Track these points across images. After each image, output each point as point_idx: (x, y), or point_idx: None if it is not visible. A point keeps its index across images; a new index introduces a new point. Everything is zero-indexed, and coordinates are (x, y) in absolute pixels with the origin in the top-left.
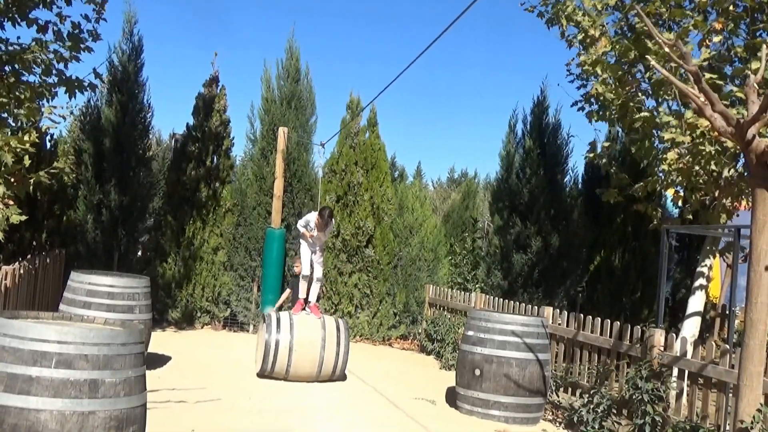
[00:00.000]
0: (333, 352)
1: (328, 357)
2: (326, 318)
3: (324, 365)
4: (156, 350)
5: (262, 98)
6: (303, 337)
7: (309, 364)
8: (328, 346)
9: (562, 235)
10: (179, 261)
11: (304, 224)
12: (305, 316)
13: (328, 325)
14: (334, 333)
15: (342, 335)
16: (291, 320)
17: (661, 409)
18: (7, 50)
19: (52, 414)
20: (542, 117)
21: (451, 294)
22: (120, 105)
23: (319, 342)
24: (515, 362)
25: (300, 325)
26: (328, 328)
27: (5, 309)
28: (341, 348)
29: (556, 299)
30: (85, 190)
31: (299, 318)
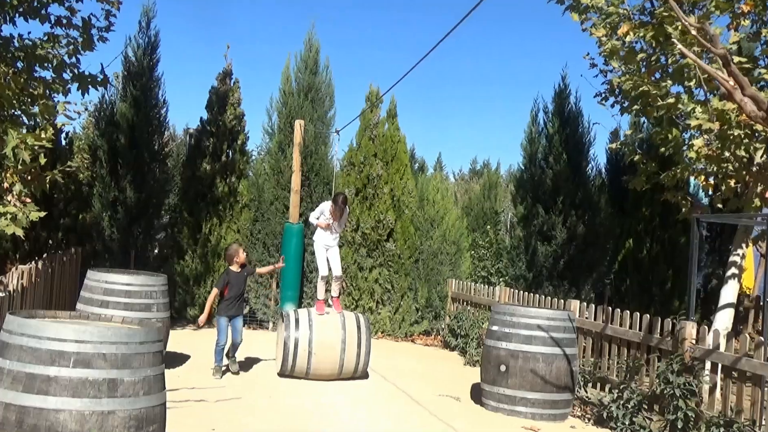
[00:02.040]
0: (354, 349)
1: (349, 355)
2: (346, 314)
3: (345, 363)
4: (174, 349)
5: (280, 91)
6: (323, 335)
7: (330, 363)
8: (348, 343)
9: (587, 224)
10: (196, 258)
11: (317, 215)
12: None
13: (349, 321)
14: (354, 330)
15: (363, 332)
16: (310, 318)
17: (694, 404)
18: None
19: (72, 414)
20: (564, 105)
21: (474, 288)
22: (134, 100)
23: (340, 339)
24: (542, 357)
25: (319, 322)
26: (348, 324)
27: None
28: (362, 345)
29: (582, 291)
30: (100, 187)
31: (318, 316)
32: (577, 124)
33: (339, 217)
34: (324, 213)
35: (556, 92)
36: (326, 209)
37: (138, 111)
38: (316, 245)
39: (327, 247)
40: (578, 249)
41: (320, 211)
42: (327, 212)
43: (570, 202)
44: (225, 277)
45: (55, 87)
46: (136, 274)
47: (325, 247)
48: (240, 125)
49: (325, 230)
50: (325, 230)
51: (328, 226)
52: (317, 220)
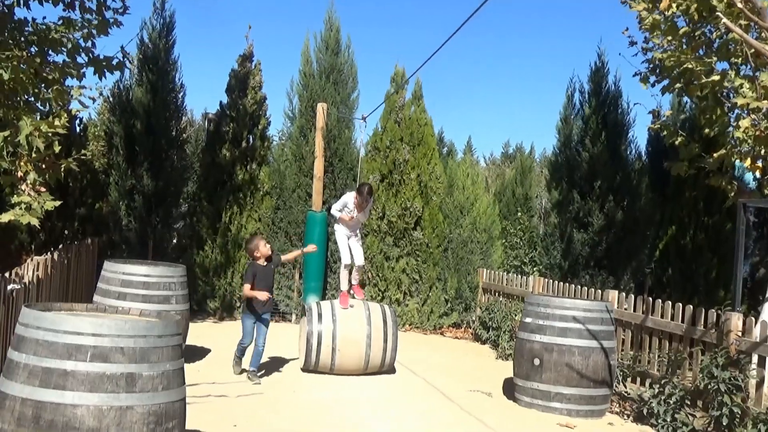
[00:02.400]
0: (380, 343)
1: (375, 349)
2: (372, 306)
3: (371, 358)
4: (194, 342)
5: (300, 72)
6: (347, 329)
7: (355, 357)
8: (374, 337)
9: (626, 210)
10: (216, 248)
11: (340, 207)
12: None
13: (374, 314)
14: (380, 323)
15: (389, 324)
16: (333, 312)
17: (740, 399)
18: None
19: (89, 409)
20: (601, 84)
21: (506, 278)
22: (151, 85)
23: (365, 333)
24: (578, 351)
25: (344, 315)
26: (374, 317)
27: (38, 301)
28: (389, 339)
29: (621, 281)
30: (117, 175)
31: (342, 309)
32: (615, 104)
33: (363, 208)
34: (347, 205)
35: (593, 71)
36: (350, 201)
37: (154, 96)
38: (337, 234)
39: (350, 234)
40: (616, 236)
41: (343, 204)
42: (351, 204)
43: (608, 186)
44: (252, 271)
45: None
46: (154, 264)
47: (347, 234)
48: (261, 109)
49: (349, 222)
50: (349, 222)
51: (351, 218)
52: (340, 213)
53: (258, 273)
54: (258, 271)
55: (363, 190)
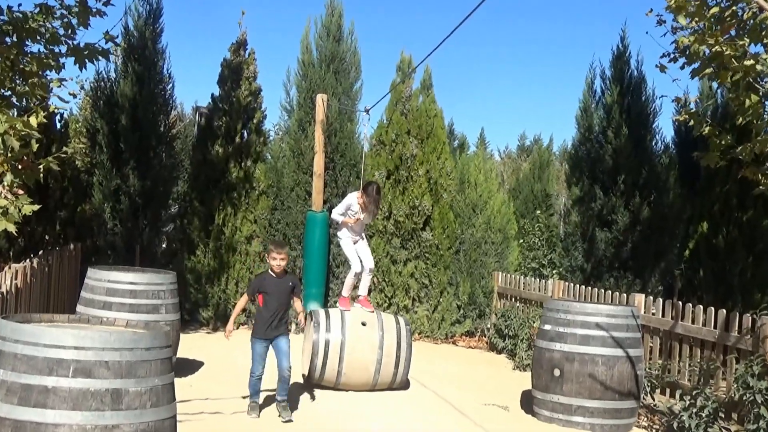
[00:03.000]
0: (392, 357)
1: (386, 362)
2: (384, 315)
3: (381, 372)
4: (186, 355)
5: (298, 62)
6: (357, 340)
7: (364, 371)
8: (387, 350)
9: (653, 207)
10: (209, 253)
11: (342, 211)
12: (359, 313)
13: (387, 324)
14: (393, 334)
15: (403, 336)
16: (342, 318)
17: None
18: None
19: (72, 429)
20: (623, 70)
21: (523, 282)
22: (136, 76)
23: (376, 346)
24: (601, 360)
25: (353, 325)
26: (386, 327)
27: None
28: (402, 351)
29: (648, 284)
30: (101, 175)
31: (351, 315)
32: (639, 91)
33: (370, 210)
34: (351, 207)
35: (615, 55)
36: (353, 202)
37: (141, 88)
38: (342, 242)
39: (356, 239)
40: (643, 235)
41: (346, 206)
42: (355, 205)
43: (633, 181)
44: (257, 283)
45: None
46: (141, 271)
47: (354, 239)
48: (256, 102)
49: (354, 226)
50: (354, 226)
51: (357, 221)
52: (343, 217)
53: (268, 287)
54: (268, 286)
55: (370, 189)
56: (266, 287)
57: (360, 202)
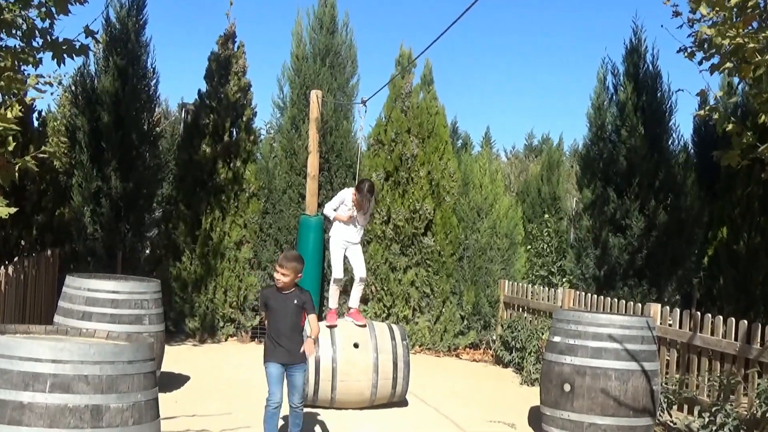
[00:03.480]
0: (389, 370)
1: (383, 377)
2: (378, 326)
3: (379, 388)
4: (171, 368)
5: (291, 55)
6: (349, 354)
7: (359, 388)
8: (382, 362)
9: (670, 211)
10: (195, 259)
11: (335, 205)
12: (350, 330)
13: (381, 335)
14: (388, 345)
15: (400, 354)
16: (332, 339)
17: None
18: None
19: None
20: (638, 65)
21: (531, 290)
22: (118, 71)
23: (371, 358)
24: (614, 374)
25: (344, 338)
26: (380, 339)
27: None
28: (399, 371)
29: (665, 293)
30: (80, 176)
31: (342, 336)
32: (654, 87)
33: (363, 209)
34: (345, 203)
35: (628, 49)
36: (347, 198)
37: (123, 83)
38: (332, 241)
39: (347, 245)
40: (659, 241)
41: (339, 201)
42: (348, 202)
43: (648, 183)
44: (262, 296)
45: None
46: (123, 279)
47: (344, 244)
48: (246, 98)
49: (347, 224)
50: (347, 224)
51: (350, 218)
52: (335, 211)
53: (271, 302)
54: (270, 300)
55: (363, 187)
56: (270, 302)
57: (353, 199)
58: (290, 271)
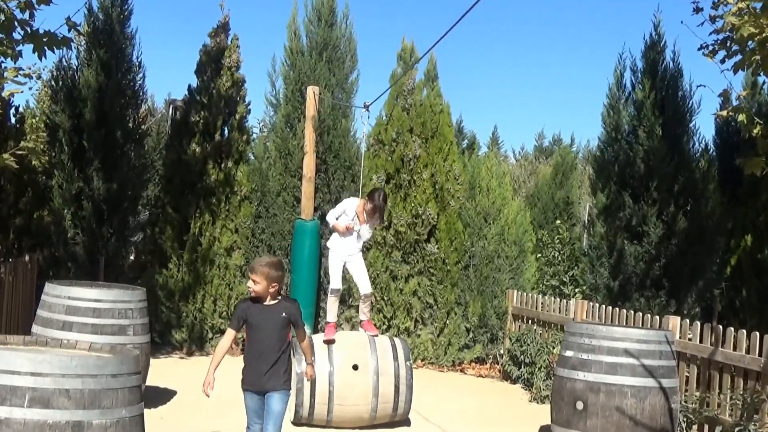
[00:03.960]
0: (390, 401)
1: (384, 394)
2: (378, 342)
3: (379, 405)
4: (156, 383)
5: (286, 49)
6: (348, 370)
7: (357, 419)
8: (382, 396)
9: (690, 217)
10: (183, 266)
11: (337, 213)
12: (347, 338)
13: (381, 349)
14: (389, 360)
15: (402, 376)
16: (330, 358)
17: None
18: None
19: None
20: (657, 62)
21: (541, 301)
22: (102, 64)
23: (371, 373)
24: (630, 391)
25: (343, 353)
26: (381, 353)
27: None
28: (401, 395)
29: (684, 305)
30: (61, 176)
31: (340, 347)
32: (675, 86)
33: (373, 220)
34: (347, 212)
35: (647, 45)
36: (350, 207)
37: (107, 78)
38: (331, 251)
39: (346, 257)
40: (678, 249)
41: (341, 210)
42: (350, 212)
43: (667, 188)
44: (240, 310)
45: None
46: (106, 287)
47: (343, 256)
48: (239, 95)
49: (344, 235)
50: (344, 235)
51: (349, 229)
52: (335, 221)
53: (251, 317)
54: (250, 314)
55: (376, 196)
56: (249, 316)
57: (360, 210)
58: (261, 277)
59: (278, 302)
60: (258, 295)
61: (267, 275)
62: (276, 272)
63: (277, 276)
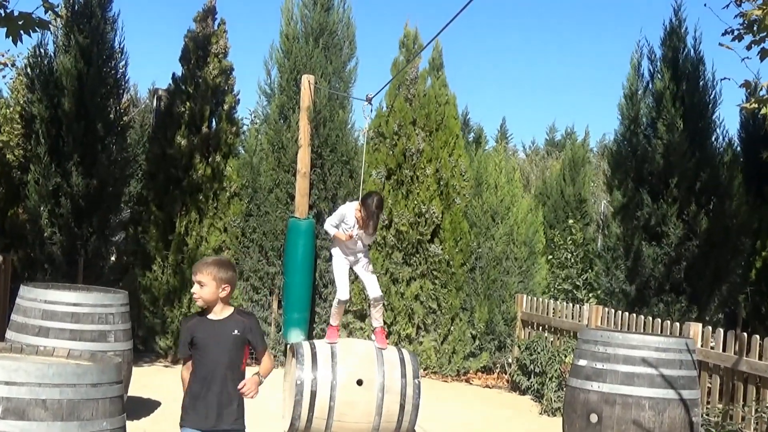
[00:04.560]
0: (394, 420)
1: (385, 426)
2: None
3: (382, 423)
4: (139, 393)
5: (280, 35)
6: (351, 380)
7: (358, 428)
8: (386, 414)
9: (712, 217)
10: (168, 268)
11: (335, 222)
12: (354, 349)
13: (389, 368)
14: (397, 383)
15: (409, 384)
16: (333, 354)
17: None
18: None
19: None
20: (678, 50)
21: (553, 307)
22: (81, 51)
23: (373, 410)
24: (648, 403)
25: (346, 370)
26: (387, 374)
27: None
28: (406, 414)
29: (706, 311)
30: (37, 171)
31: (344, 359)
32: (696, 75)
33: (369, 227)
34: (346, 219)
35: (667, 32)
36: (349, 213)
37: (87, 65)
38: (335, 260)
39: (352, 262)
40: (700, 251)
41: (339, 217)
42: (350, 218)
43: (688, 185)
44: (185, 331)
45: None
46: (86, 290)
47: (348, 261)
48: (227, 83)
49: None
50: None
51: (350, 238)
52: (335, 229)
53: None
54: (196, 332)
55: (370, 202)
56: (196, 335)
57: (357, 215)
58: (208, 278)
59: (231, 317)
60: (205, 303)
61: (214, 276)
62: (225, 272)
63: (228, 277)
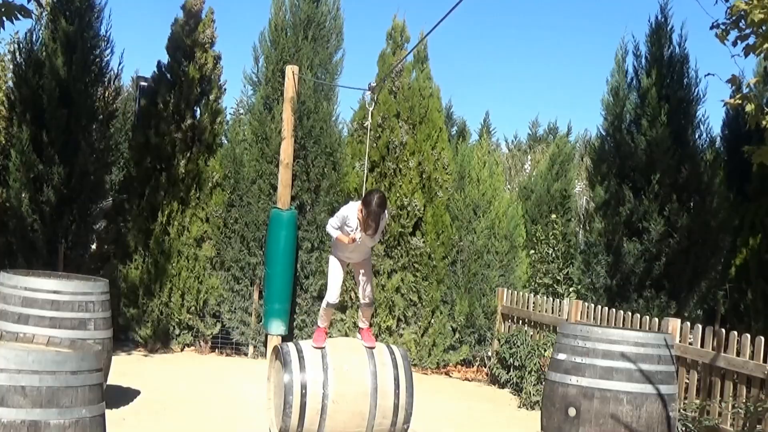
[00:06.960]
0: (389, 399)
1: (383, 408)
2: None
3: (377, 419)
4: (118, 381)
5: (270, 25)
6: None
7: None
8: (382, 389)
9: (693, 213)
10: (149, 257)
11: (337, 224)
12: (342, 344)
13: (380, 358)
14: (389, 371)
15: (401, 370)
16: (324, 354)
17: None
18: None
19: None
20: (662, 47)
21: (533, 301)
22: (66, 37)
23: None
24: (626, 398)
25: (336, 358)
26: (379, 363)
27: None
28: (401, 389)
29: (685, 307)
30: (18, 158)
31: (333, 348)
32: (681, 73)
33: (372, 228)
34: (348, 221)
35: (653, 28)
36: (351, 215)
37: (71, 52)
38: (331, 260)
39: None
40: (681, 247)
41: (341, 219)
42: (353, 220)
43: (670, 182)
44: None
45: None
46: (66, 278)
47: (343, 260)
48: (213, 74)
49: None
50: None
51: (353, 241)
52: (337, 231)
53: None
54: None
55: (371, 200)
56: None
57: (360, 216)
58: None
59: None
60: None
61: None
62: None
63: None
